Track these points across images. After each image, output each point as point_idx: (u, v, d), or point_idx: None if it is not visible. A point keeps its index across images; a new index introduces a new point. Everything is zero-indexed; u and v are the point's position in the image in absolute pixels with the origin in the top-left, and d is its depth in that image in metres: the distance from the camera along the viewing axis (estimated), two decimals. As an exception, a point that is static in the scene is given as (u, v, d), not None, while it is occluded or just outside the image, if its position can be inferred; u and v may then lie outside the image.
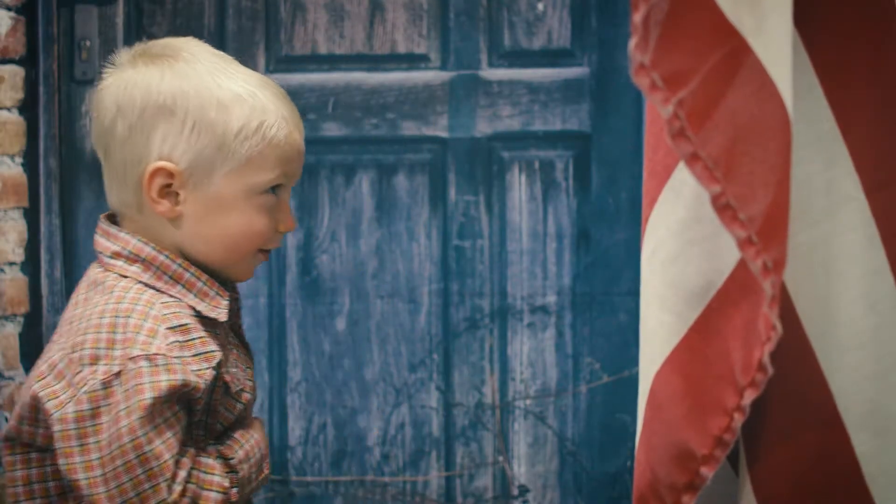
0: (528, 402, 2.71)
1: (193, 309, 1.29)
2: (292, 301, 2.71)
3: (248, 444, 1.34)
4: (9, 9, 2.56)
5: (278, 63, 2.70)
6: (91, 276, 1.32)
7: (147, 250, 1.30)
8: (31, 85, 2.62)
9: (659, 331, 1.21)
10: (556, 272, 2.70)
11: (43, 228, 2.64)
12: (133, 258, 1.29)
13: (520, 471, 2.72)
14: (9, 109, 2.57)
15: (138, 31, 2.70)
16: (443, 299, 2.70)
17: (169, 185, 1.30)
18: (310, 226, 2.72)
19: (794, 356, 1.16)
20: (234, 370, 1.34)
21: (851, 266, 1.17)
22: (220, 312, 1.31)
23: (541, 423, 2.71)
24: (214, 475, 1.27)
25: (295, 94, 2.69)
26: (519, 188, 2.70)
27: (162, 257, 1.29)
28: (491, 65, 2.70)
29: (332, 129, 2.70)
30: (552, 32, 2.70)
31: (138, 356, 1.21)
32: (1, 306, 2.56)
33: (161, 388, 1.21)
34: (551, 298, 2.69)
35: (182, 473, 1.23)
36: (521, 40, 2.70)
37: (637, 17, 1.00)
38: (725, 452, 1.14)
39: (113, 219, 1.35)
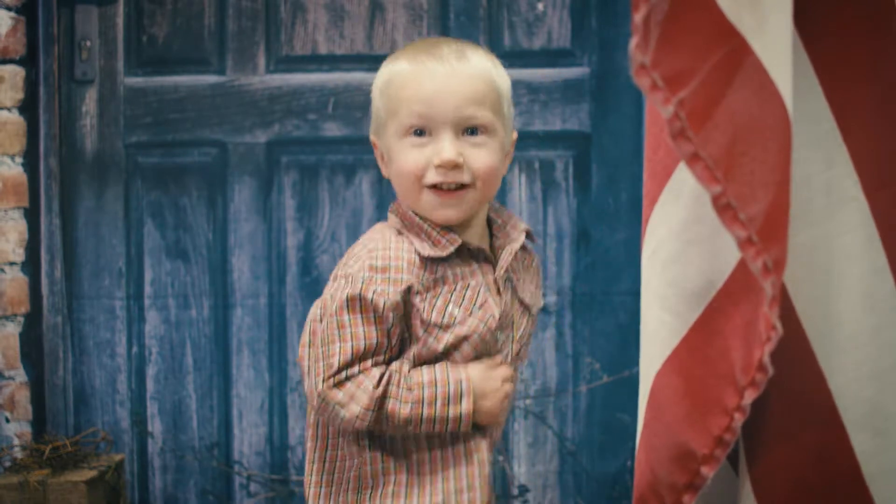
0: (528, 402, 2.71)
1: (417, 251, 1.55)
2: (292, 301, 2.71)
3: (444, 373, 1.54)
4: (9, 9, 2.56)
5: (278, 63, 2.70)
6: None
7: (403, 205, 1.59)
8: (31, 85, 2.62)
9: (659, 331, 1.21)
10: (556, 272, 2.70)
11: (43, 228, 2.65)
12: (394, 211, 1.60)
13: (520, 471, 2.72)
14: (9, 109, 2.57)
15: (138, 31, 2.70)
16: (443, 299, 2.70)
17: (381, 155, 1.62)
18: (310, 226, 2.72)
19: (794, 356, 1.16)
20: (447, 305, 1.54)
21: (851, 266, 1.17)
22: (439, 252, 1.55)
23: (541, 423, 2.71)
24: (368, 384, 1.51)
25: (295, 94, 2.70)
26: (519, 188, 2.70)
27: (404, 209, 1.59)
28: (491, 65, 2.70)
29: (332, 129, 2.70)
30: (552, 32, 2.70)
31: (340, 275, 1.55)
32: (1, 306, 2.56)
33: (342, 296, 1.52)
34: (551, 298, 2.69)
35: (343, 375, 1.51)
36: (521, 40, 2.70)
37: (638, 17, 1.00)
38: (726, 452, 1.15)
39: None
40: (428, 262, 1.55)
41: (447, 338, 1.54)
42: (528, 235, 1.67)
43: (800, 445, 1.17)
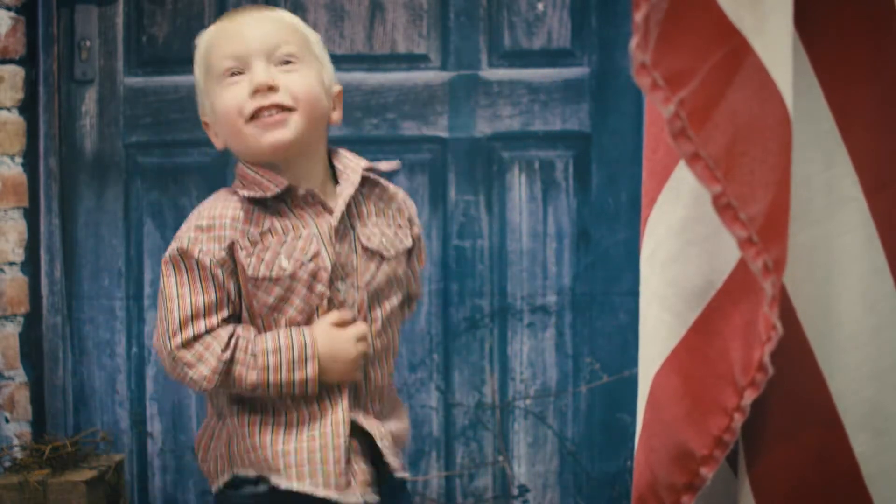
0: (528, 402, 2.71)
1: (248, 199, 1.59)
2: (292, 301, 2.71)
3: (288, 338, 1.57)
4: (9, 9, 2.56)
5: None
6: None
7: (239, 166, 1.64)
8: (31, 85, 2.62)
9: (659, 331, 1.21)
10: (556, 272, 2.70)
11: (43, 228, 2.64)
12: (235, 174, 1.65)
13: (520, 471, 2.72)
14: (9, 109, 2.57)
15: (138, 31, 2.70)
16: (443, 299, 2.70)
17: (214, 131, 1.67)
18: (310, 226, 2.72)
19: (794, 356, 1.16)
20: (277, 258, 1.57)
21: (851, 266, 1.17)
22: (264, 193, 1.58)
23: (541, 423, 2.71)
24: (216, 347, 1.55)
25: (295, 94, 2.70)
26: (519, 188, 2.70)
27: (239, 165, 1.63)
28: (491, 65, 2.70)
29: (331, 129, 2.70)
30: (552, 32, 2.70)
31: (174, 238, 1.61)
32: (1, 306, 2.56)
33: (173, 256, 1.58)
34: (551, 298, 2.69)
35: (189, 332, 1.56)
36: (521, 40, 2.70)
37: (638, 17, 1.00)
38: (725, 453, 1.15)
39: None
40: (254, 213, 1.58)
41: (277, 290, 1.57)
42: (374, 172, 1.70)
43: (800, 445, 1.17)
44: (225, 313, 1.57)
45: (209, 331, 1.56)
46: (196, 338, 1.56)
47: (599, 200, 2.68)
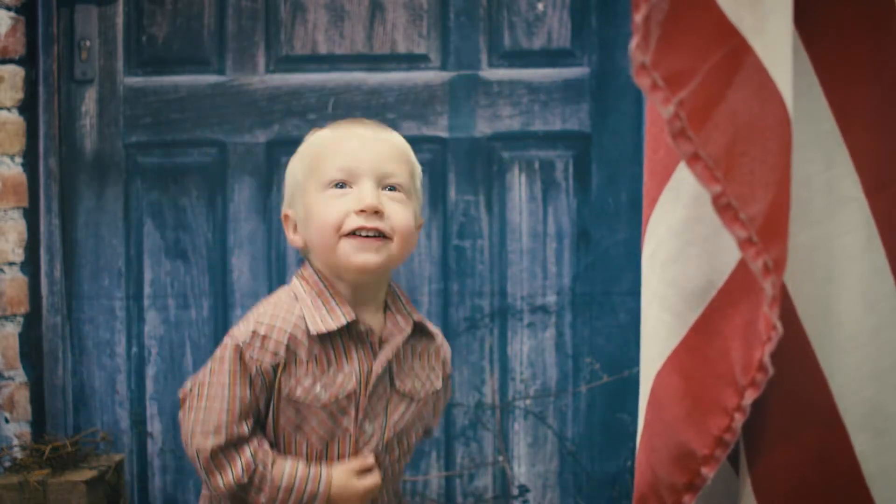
0: (528, 402, 2.71)
1: (304, 323, 1.59)
2: (292, 301, 2.71)
3: (304, 478, 1.59)
4: (9, 9, 2.56)
5: (278, 63, 2.70)
6: None
7: (308, 269, 1.65)
8: (31, 85, 2.62)
9: (659, 331, 1.21)
10: (556, 272, 2.70)
11: (43, 228, 2.64)
12: (300, 275, 1.65)
13: (520, 471, 2.72)
14: (9, 109, 2.57)
15: (138, 31, 2.70)
16: (443, 299, 2.70)
17: (293, 226, 1.66)
18: (310, 226, 2.72)
19: (794, 356, 1.16)
20: (315, 386, 1.59)
21: (851, 266, 1.17)
22: (328, 325, 1.59)
23: (541, 423, 2.71)
24: (237, 467, 1.58)
25: (295, 94, 2.70)
26: (519, 188, 2.70)
27: (310, 272, 1.64)
28: (491, 65, 2.70)
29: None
30: (552, 32, 2.70)
31: (228, 335, 1.61)
32: (1, 306, 2.56)
33: (225, 357, 1.59)
34: (551, 298, 2.69)
35: (222, 438, 1.57)
36: (521, 40, 2.70)
37: (638, 17, 1.01)
38: (726, 452, 1.15)
39: None
40: (311, 337, 1.59)
41: (305, 415, 1.59)
42: (421, 328, 1.68)
43: (800, 445, 1.17)
44: (252, 421, 1.60)
45: (240, 439, 1.58)
46: (228, 444, 1.58)
47: (599, 200, 2.68)
